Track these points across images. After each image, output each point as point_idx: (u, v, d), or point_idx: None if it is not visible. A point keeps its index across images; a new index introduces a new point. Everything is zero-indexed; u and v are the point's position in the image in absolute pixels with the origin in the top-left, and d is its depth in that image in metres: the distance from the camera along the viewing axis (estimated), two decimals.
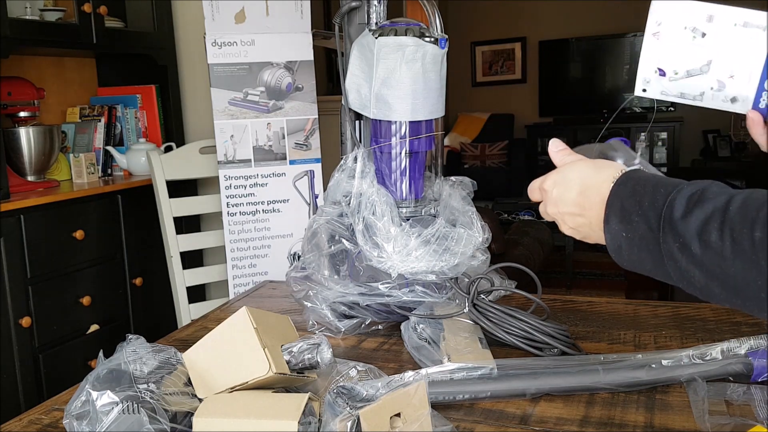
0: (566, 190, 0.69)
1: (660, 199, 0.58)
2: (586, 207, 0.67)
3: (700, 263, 0.54)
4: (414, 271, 1.13)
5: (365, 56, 1.21)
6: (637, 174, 0.64)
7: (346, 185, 1.23)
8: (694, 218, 0.55)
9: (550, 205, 0.72)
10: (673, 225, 0.56)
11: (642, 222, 0.59)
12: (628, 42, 6.80)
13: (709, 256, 0.53)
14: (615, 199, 0.63)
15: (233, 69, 2.29)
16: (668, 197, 0.57)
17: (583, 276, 4.89)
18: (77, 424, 0.75)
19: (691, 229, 0.55)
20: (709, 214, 0.54)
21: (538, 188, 0.75)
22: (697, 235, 0.54)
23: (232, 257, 2.32)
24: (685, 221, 0.55)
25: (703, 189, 0.56)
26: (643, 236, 0.59)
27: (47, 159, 2.39)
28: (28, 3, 2.35)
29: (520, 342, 1.03)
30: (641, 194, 0.60)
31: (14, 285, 2.04)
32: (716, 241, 0.53)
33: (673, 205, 0.57)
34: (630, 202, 0.61)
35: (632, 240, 0.60)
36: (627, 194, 0.62)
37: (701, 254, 0.54)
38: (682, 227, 0.55)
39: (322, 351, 0.84)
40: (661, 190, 0.59)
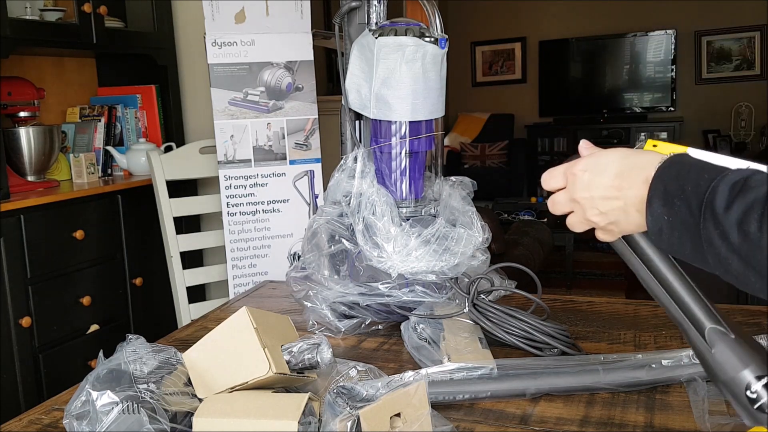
0: (600, 174, 0.67)
1: (703, 185, 0.58)
2: (624, 188, 0.65)
3: (738, 252, 0.55)
4: (414, 271, 1.13)
5: (365, 56, 1.21)
6: (681, 158, 0.64)
7: (346, 185, 1.23)
8: (735, 207, 0.55)
9: (580, 190, 0.69)
10: (714, 213, 0.56)
11: (684, 207, 0.59)
12: (628, 42, 6.80)
13: (747, 246, 0.54)
14: (659, 181, 0.62)
15: (233, 69, 2.29)
16: (711, 183, 0.57)
17: (583, 276, 4.89)
18: (77, 424, 0.75)
19: (732, 219, 0.55)
20: (750, 205, 0.54)
21: (563, 173, 0.72)
22: (737, 225, 0.55)
23: (232, 257, 2.32)
24: (727, 210, 0.55)
25: (747, 177, 0.56)
26: (684, 221, 0.59)
27: (47, 159, 2.39)
28: (28, 3, 2.35)
29: (520, 342, 1.03)
30: (685, 179, 0.60)
31: (14, 285, 2.04)
32: (755, 231, 0.53)
33: (716, 192, 0.57)
34: (674, 185, 0.61)
35: (673, 224, 0.60)
36: (671, 177, 0.62)
37: (739, 244, 0.54)
38: (723, 216, 0.55)
39: (322, 351, 0.84)
40: (705, 176, 0.59)
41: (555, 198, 0.74)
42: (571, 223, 0.74)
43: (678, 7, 6.50)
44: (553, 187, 0.74)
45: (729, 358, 0.68)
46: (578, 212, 0.72)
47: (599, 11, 6.84)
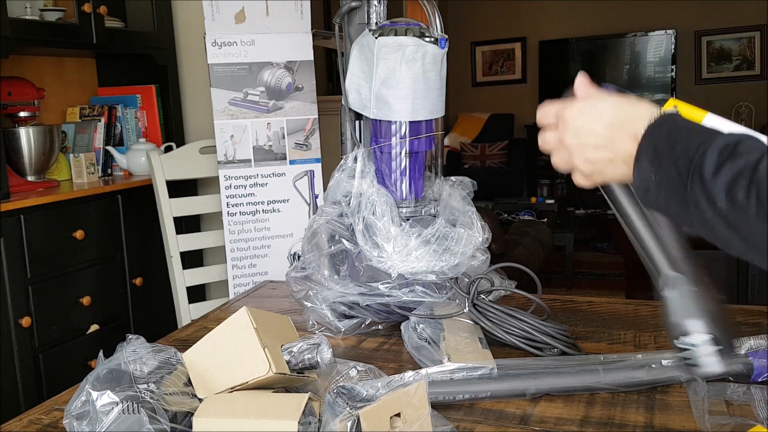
0: (593, 122, 0.66)
1: (693, 147, 0.58)
2: (614, 139, 0.65)
3: (725, 218, 0.55)
4: (414, 271, 1.13)
5: (365, 56, 1.21)
6: (674, 118, 0.63)
7: (346, 185, 1.23)
8: (723, 173, 0.55)
9: (569, 135, 0.68)
10: (702, 176, 0.56)
11: (672, 167, 0.59)
12: (628, 42, 6.80)
13: (734, 213, 0.54)
14: (649, 139, 0.62)
15: (233, 69, 2.29)
16: (701, 146, 0.57)
17: (583, 276, 4.89)
18: (77, 424, 0.75)
19: (720, 184, 0.55)
20: (739, 171, 0.54)
21: (554, 114, 0.72)
22: (725, 191, 0.54)
23: (232, 257, 2.32)
24: (715, 175, 0.55)
25: (737, 142, 0.56)
26: (671, 181, 0.59)
27: (47, 159, 2.39)
28: (28, 3, 2.35)
29: (520, 342, 1.03)
30: (675, 139, 0.60)
31: (14, 285, 2.04)
32: (743, 199, 0.53)
33: (705, 155, 0.56)
34: (663, 144, 0.61)
35: (660, 183, 0.60)
36: (662, 136, 0.61)
37: (727, 210, 0.54)
38: (711, 181, 0.55)
39: (322, 351, 0.84)
40: (696, 138, 0.58)
41: (545, 137, 0.73)
42: (555, 163, 0.74)
43: (678, 7, 6.50)
44: (545, 124, 0.73)
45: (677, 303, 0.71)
46: (564, 155, 0.71)
47: (599, 11, 6.84)
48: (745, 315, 1.17)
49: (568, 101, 0.71)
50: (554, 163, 0.74)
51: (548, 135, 0.73)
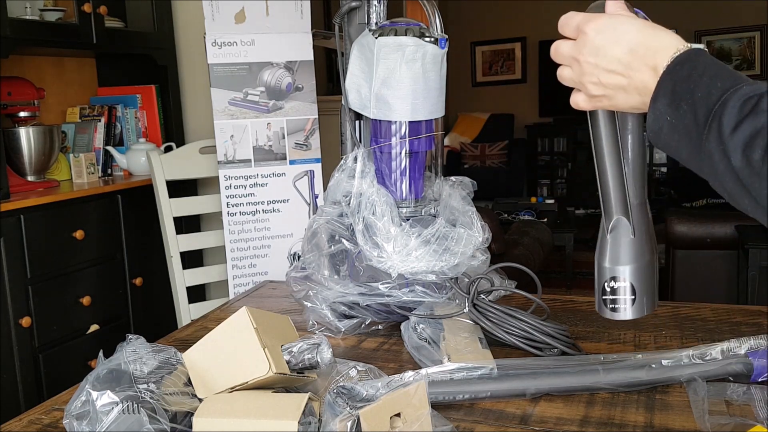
0: (613, 43, 0.62)
1: (714, 94, 0.55)
2: (633, 68, 0.61)
3: (737, 174, 0.53)
4: (414, 271, 1.13)
5: (365, 56, 1.21)
6: (697, 57, 0.59)
7: (346, 185, 1.23)
8: (742, 129, 0.53)
9: (587, 53, 0.64)
10: (720, 129, 0.54)
11: (690, 112, 0.56)
12: None
13: (747, 171, 0.53)
14: (668, 79, 0.59)
15: (233, 69, 2.29)
16: (723, 95, 0.54)
17: (583, 276, 4.89)
18: (77, 424, 0.75)
19: (737, 141, 0.53)
20: (758, 130, 0.52)
21: (576, 25, 0.66)
22: (742, 149, 0.53)
23: (232, 257, 2.32)
24: (734, 131, 0.53)
25: (760, 96, 0.53)
26: (687, 127, 0.56)
27: (47, 159, 2.39)
28: (28, 3, 2.35)
29: (520, 342, 1.03)
30: (696, 82, 0.57)
31: (14, 285, 2.04)
32: (758, 160, 0.52)
33: (726, 106, 0.54)
34: (683, 87, 0.58)
35: (675, 126, 0.57)
36: (682, 77, 0.58)
37: (740, 167, 0.53)
38: (729, 136, 0.53)
39: (322, 351, 0.84)
40: (718, 84, 0.56)
41: (559, 47, 0.68)
42: (562, 77, 0.70)
43: (678, 7, 6.50)
44: (567, 34, 0.69)
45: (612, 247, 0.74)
46: (576, 72, 0.68)
47: None
48: (745, 315, 1.17)
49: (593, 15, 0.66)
50: (561, 77, 0.69)
51: (563, 46, 0.68)
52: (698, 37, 6.54)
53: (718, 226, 2.84)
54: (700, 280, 2.89)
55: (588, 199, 6.69)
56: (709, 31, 6.49)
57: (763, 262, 2.55)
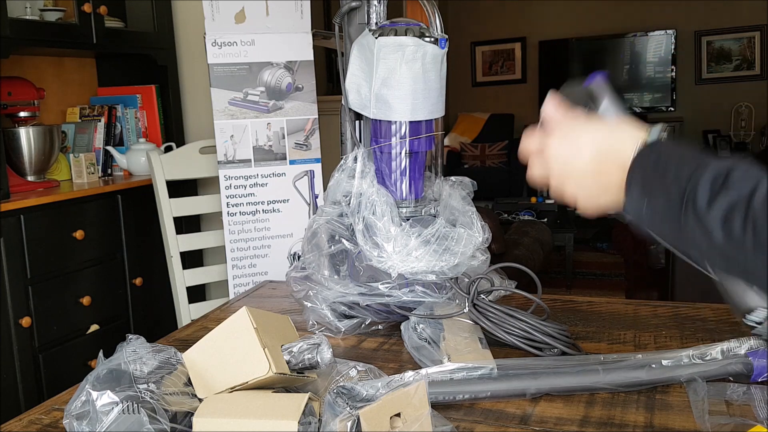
0: (578, 152, 0.64)
1: (683, 176, 0.56)
2: (603, 174, 0.63)
3: (722, 250, 0.54)
4: (414, 271, 1.13)
5: (365, 56, 1.21)
6: (659, 144, 0.62)
7: (346, 185, 1.23)
8: (718, 205, 0.53)
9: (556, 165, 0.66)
10: (696, 208, 0.55)
11: (664, 197, 0.57)
12: (628, 42, 6.80)
13: (731, 246, 0.53)
14: (637, 169, 0.60)
15: (233, 69, 2.29)
16: (692, 175, 0.55)
17: (583, 276, 4.89)
18: (77, 424, 0.75)
19: (715, 217, 0.53)
20: (734, 203, 0.53)
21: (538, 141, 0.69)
22: (721, 224, 0.53)
23: (232, 257, 2.32)
24: (709, 207, 0.54)
25: (729, 171, 0.54)
26: (665, 211, 0.57)
27: (47, 159, 2.39)
28: (28, 3, 2.35)
29: (520, 342, 1.03)
30: (665, 167, 0.58)
31: (14, 285, 2.04)
32: (739, 232, 0.52)
33: (698, 185, 0.55)
34: (652, 174, 0.59)
35: (654, 211, 0.58)
36: (650, 165, 0.60)
37: (723, 243, 0.53)
38: (705, 212, 0.54)
39: (322, 351, 0.84)
40: (685, 166, 0.57)
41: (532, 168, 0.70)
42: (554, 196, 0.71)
43: (678, 7, 6.50)
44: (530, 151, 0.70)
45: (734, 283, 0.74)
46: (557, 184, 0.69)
47: (599, 11, 6.84)
48: None
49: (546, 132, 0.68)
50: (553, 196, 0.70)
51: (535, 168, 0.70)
52: (698, 37, 6.54)
53: None
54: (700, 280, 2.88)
55: None
56: (709, 31, 6.49)
57: None
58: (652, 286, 3.40)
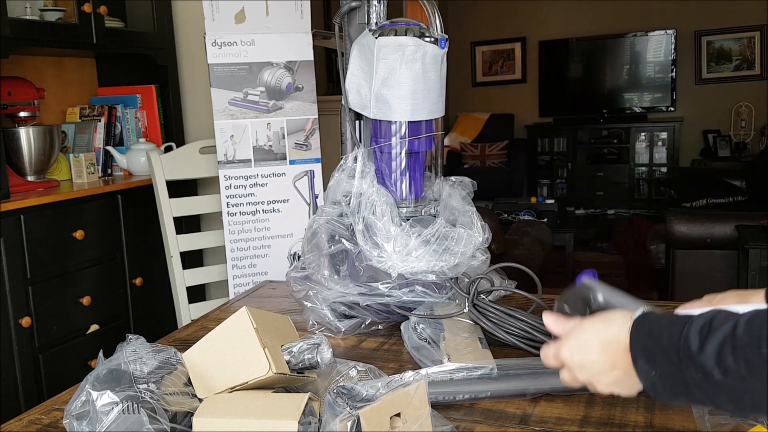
0: (587, 353, 0.70)
1: (675, 335, 0.62)
2: (616, 361, 0.68)
3: (724, 388, 0.58)
4: (414, 271, 1.13)
5: (365, 56, 1.21)
6: (647, 316, 0.68)
7: (346, 185, 1.23)
8: (709, 347, 0.59)
9: (579, 372, 0.72)
10: (691, 357, 0.60)
11: (664, 359, 0.63)
12: (628, 42, 6.80)
13: (730, 381, 0.58)
14: (636, 343, 0.66)
15: (233, 69, 2.29)
16: (682, 332, 0.61)
17: None
18: (77, 424, 0.75)
19: (709, 358, 0.59)
20: (721, 341, 0.58)
21: (553, 357, 0.76)
22: (716, 363, 0.58)
23: (232, 257, 2.32)
24: (701, 352, 0.59)
25: (711, 318, 0.61)
26: (669, 371, 0.62)
27: (47, 159, 2.39)
28: (28, 3, 2.35)
29: (520, 342, 1.03)
30: (658, 334, 0.65)
31: (14, 285, 2.04)
32: (732, 365, 0.57)
33: (688, 338, 0.61)
34: (650, 342, 0.65)
35: (662, 376, 0.64)
36: (645, 335, 0.66)
37: (723, 380, 0.58)
38: (701, 359, 0.59)
39: (322, 351, 0.84)
40: (675, 328, 0.63)
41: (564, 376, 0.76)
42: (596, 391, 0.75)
43: (678, 7, 6.50)
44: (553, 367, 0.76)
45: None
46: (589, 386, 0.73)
47: (599, 11, 6.84)
48: None
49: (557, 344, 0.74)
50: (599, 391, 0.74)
51: (564, 375, 0.75)
52: (698, 37, 6.54)
53: (718, 226, 2.84)
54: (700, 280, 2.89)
55: (588, 200, 6.69)
56: (709, 31, 6.48)
57: (763, 262, 2.55)
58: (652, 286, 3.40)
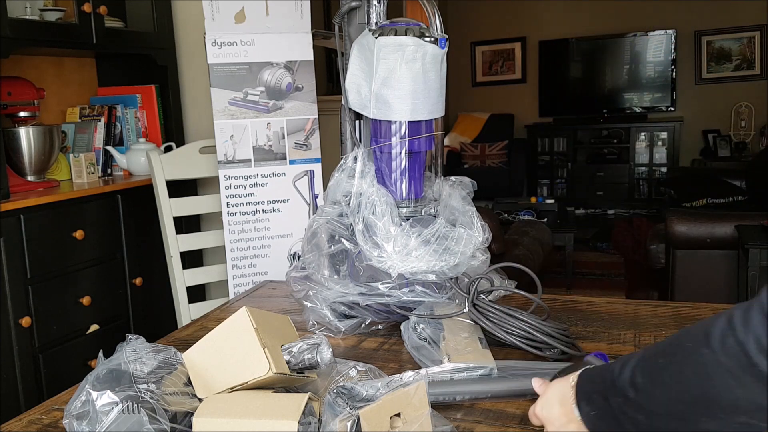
0: (550, 408, 0.78)
1: (607, 377, 0.71)
2: (569, 413, 0.75)
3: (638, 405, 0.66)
4: (414, 271, 1.13)
5: (365, 56, 1.21)
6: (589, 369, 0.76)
7: (346, 185, 1.23)
8: (625, 372, 0.68)
9: (548, 426, 0.79)
10: (614, 384, 0.69)
11: (599, 396, 0.71)
12: (628, 42, 6.80)
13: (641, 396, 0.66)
14: (579, 389, 0.74)
15: (233, 69, 2.29)
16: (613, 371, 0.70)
17: (583, 276, 4.89)
18: (77, 424, 0.75)
19: (625, 381, 0.67)
20: (635, 364, 0.67)
21: (531, 414, 0.82)
22: (630, 384, 0.67)
23: (232, 257, 2.32)
24: (620, 376, 0.68)
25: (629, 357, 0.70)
26: (601, 405, 0.70)
27: (47, 159, 2.39)
28: (28, 3, 2.35)
29: (520, 342, 1.03)
30: (595, 376, 0.73)
31: (14, 285, 2.04)
32: (642, 382, 0.66)
33: (613, 370, 0.70)
34: (588, 386, 0.74)
35: (597, 413, 0.71)
36: (586, 381, 0.74)
37: (635, 397, 0.66)
38: (619, 382, 0.68)
39: (322, 351, 0.84)
40: (609, 367, 0.71)
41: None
42: None
43: (678, 7, 6.50)
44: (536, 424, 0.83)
45: None
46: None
47: (599, 11, 6.83)
48: None
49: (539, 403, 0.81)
50: None
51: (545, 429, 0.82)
52: (698, 37, 6.54)
53: (718, 226, 2.84)
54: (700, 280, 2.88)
55: (588, 200, 6.69)
56: (709, 31, 6.48)
57: (763, 262, 2.55)
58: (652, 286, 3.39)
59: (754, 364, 0.56)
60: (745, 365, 0.57)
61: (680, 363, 0.63)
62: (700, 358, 0.61)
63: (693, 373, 0.61)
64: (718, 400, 0.59)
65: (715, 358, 0.59)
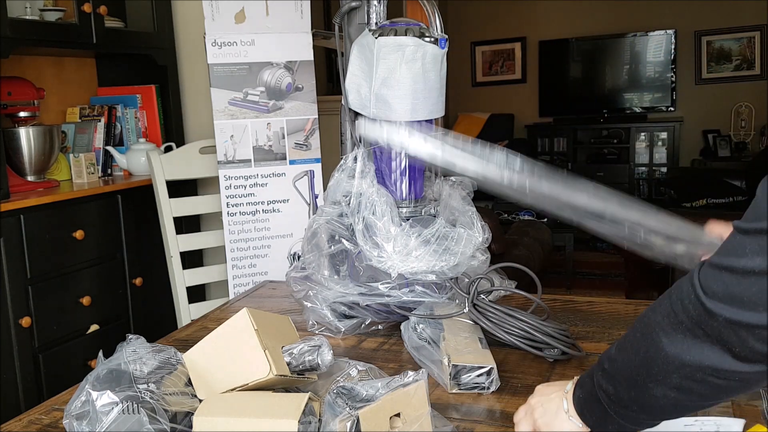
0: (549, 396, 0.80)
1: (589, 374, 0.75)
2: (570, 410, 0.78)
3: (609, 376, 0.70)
4: (414, 271, 1.13)
5: (365, 56, 1.21)
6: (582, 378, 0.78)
7: (346, 185, 1.23)
8: (609, 349, 0.72)
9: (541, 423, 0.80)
10: (599, 362, 0.73)
11: (588, 379, 0.74)
12: (628, 42, 6.80)
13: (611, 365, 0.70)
14: (578, 384, 0.77)
15: (233, 69, 2.29)
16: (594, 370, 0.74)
17: (583, 276, 4.89)
18: (77, 424, 0.75)
19: (605, 355, 0.72)
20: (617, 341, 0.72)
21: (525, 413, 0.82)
22: (607, 357, 0.72)
23: (232, 257, 2.32)
24: (604, 354, 0.73)
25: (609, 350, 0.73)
26: (590, 390, 0.73)
27: (47, 159, 2.39)
28: (28, 3, 2.35)
29: (520, 342, 1.03)
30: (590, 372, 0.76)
31: (14, 285, 2.04)
32: (614, 351, 0.71)
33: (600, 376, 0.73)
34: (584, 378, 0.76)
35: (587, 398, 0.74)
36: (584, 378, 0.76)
37: (608, 367, 0.71)
38: (601, 358, 0.73)
39: (323, 353, 0.84)
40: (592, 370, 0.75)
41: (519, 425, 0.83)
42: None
43: (678, 7, 6.50)
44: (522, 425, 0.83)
45: None
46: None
47: (599, 11, 6.83)
48: None
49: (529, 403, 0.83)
50: None
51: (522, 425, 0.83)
52: (698, 37, 6.54)
53: None
54: None
55: None
56: (709, 31, 6.48)
57: None
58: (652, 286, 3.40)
59: (680, 321, 0.62)
60: (674, 323, 0.62)
61: (636, 329, 0.69)
62: (646, 320, 0.67)
63: (641, 335, 0.67)
64: (656, 358, 0.64)
65: (655, 319, 0.65)
